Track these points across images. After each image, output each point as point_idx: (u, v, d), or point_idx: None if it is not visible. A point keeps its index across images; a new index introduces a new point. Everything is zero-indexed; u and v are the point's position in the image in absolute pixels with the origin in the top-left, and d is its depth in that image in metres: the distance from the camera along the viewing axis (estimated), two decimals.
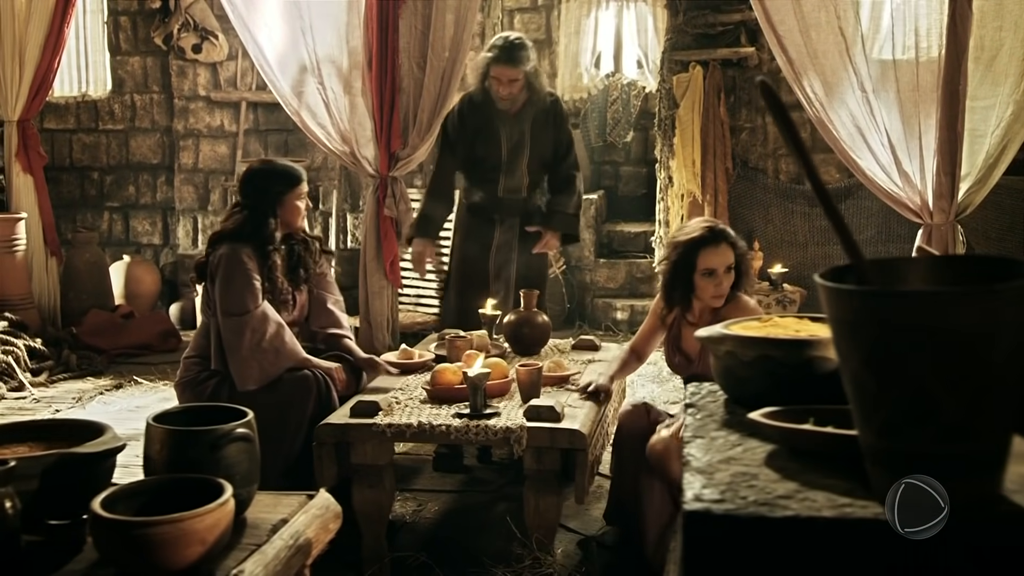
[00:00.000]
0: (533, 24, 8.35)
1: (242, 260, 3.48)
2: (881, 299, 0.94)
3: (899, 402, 0.96)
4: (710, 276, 3.24)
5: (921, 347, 0.93)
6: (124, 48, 7.55)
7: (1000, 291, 0.92)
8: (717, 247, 3.24)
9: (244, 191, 3.67)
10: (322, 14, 5.89)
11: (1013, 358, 0.96)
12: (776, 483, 1.07)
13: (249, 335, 3.41)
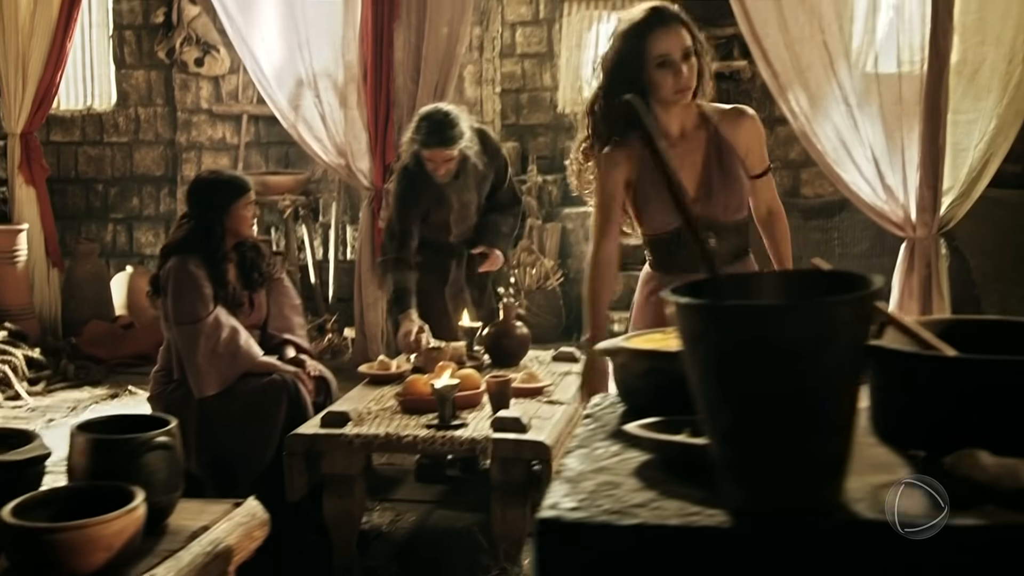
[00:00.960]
0: (535, 37, 8.39)
1: (190, 270, 3.57)
2: (716, 312, 0.96)
3: (737, 413, 0.98)
4: (666, 66, 2.65)
5: (755, 359, 0.95)
6: (129, 62, 7.64)
7: (829, 304, 0.95)
8: (668, 28, 2.67)
9: (191, 202, 3.77)
10: (319, 29, 5.97)
11: (847, 369, 0.98)
12: (636, 492, 1.09)
13: (203, 342, 3.50)
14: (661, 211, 2.74)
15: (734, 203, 2.79)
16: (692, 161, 2.76)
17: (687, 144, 2.78)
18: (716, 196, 2.76)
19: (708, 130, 2.79)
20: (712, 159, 2.77)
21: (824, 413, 0.98)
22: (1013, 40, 4.32)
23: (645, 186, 2.77)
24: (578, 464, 1.20)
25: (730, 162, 2.78)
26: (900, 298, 4.44)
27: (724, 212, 2.78)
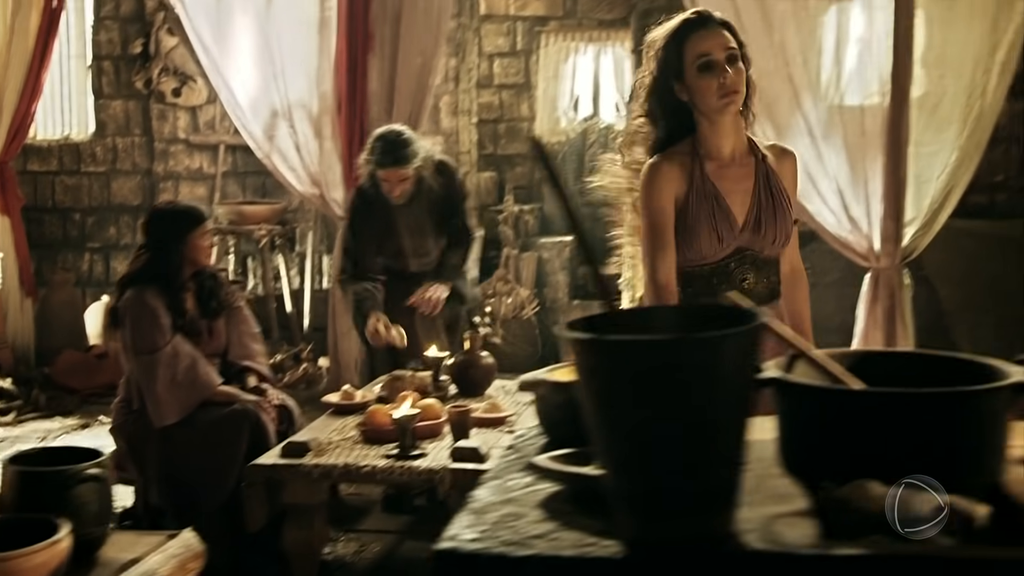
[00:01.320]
0: (512, 68, 8.47)
1: (147, 301, 3.59)
2: (605, 347, 0.99)
3: (628, 444, 1.00)
4: (708, 70, 2.43)
5: (643, 392, 0.97)
6: (107, 92, 7.67)
7: (714, 339, 0.97)
8: (708, 29, 2.46)
9: (147, 233, 3.80)
10: (293, 60, 6.01)
11: (735, 401, 1.00)
12: (537, 523, 1.11)
13: (162, 371, 3.52)
14: (711, 234, 2.51)
15: (782, 237, 2.59)
16: (744, 188, 2.55)
17: (738, 169, 2.55)
18: (766, 227, 2.55)
19: (757, 156, 2.58)
20: (762, 187, 2.56)
21: (713, 444, 1.00)
22: (972, 74, 4.39)
23: (694, 204, 2.51)
24: (487, 495, 1.21)
25: (779, 192, 2.58)
26: (865, 327, 4.48)
27: (771, 245, 2.58)
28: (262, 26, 6.00)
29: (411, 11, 5.74)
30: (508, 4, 8.31)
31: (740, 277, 2.56)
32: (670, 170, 2.51)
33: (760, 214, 2.55)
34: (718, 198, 2.53)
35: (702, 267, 2.55)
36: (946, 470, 1.13)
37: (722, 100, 2.44)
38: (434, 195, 4.41)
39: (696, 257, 2.55)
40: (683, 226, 2.52)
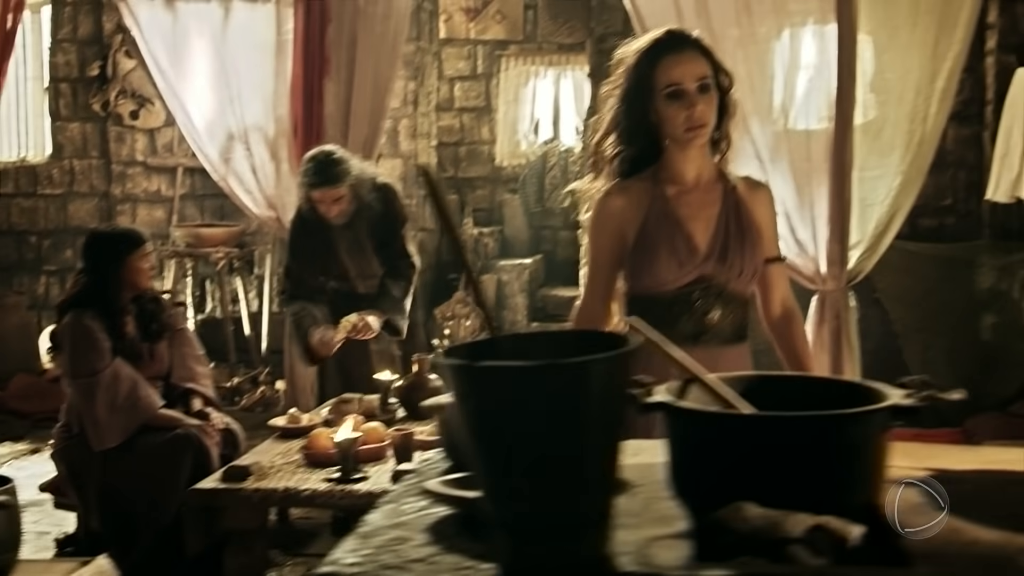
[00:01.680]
0: (473, 92, 8.53)
1: (86, 324, 3.58)
2: (472, 373, 1.01)
3: (500, 469, 1.02)
4: (676, 98, 2.33)
5: (511, 418, 0.99)
6: (64, 114, 7.65)
7: (578, 365, 1.00)
8: (680, 54, 2.36)
9: (86, 257, 3.81)
10: (250, 84, 6.02)
11: (604, 425, 1.02)
12: (421, 547, 1.12)
13: (102, 395, 3.51)
14: (670, 258, 2.39)
15: (749, 270, 2.44)
16: (707, 214, 2.43)
17: (703, 195, 2.45)
18: (731, 257, 2.42)
19: (726, 186, 2.47)
20: (730, 215, 2.44)
21: (583, 469, 1.02)
22: (914, 100, 4.46)
23: (652, 228, 2.41)
24: (379, 519, 1.23)
25: (748, 223, 2.45)
26: (812, 349, 4.51)
27: (738, 279, 2.43)
28: (218, 49, 6.02)
29: (367, 35, 5.77)
30: (468, 28, 8.38)
31: (704, 309, 2.41)
32: (619, 203, 2.42)
33: (727, 243, 2.42)
34: (679, 222, 2.42)
35: (662, 293, 2.40)
36: (822, 491, 1.16)
37: (688, 133, 2.35)
38: (373, 216, 4.43)
39: (655, 283, 2.42)
40: (642, 249, 2.42)
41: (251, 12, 6.03)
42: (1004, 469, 1.37)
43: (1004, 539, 1.11)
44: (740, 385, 1.39)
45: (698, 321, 2.41)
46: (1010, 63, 5.74)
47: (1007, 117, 5.66)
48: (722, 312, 2.42)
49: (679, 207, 2.43)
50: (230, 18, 6.05)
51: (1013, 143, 5.63)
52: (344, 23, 5.81)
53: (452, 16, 8.32)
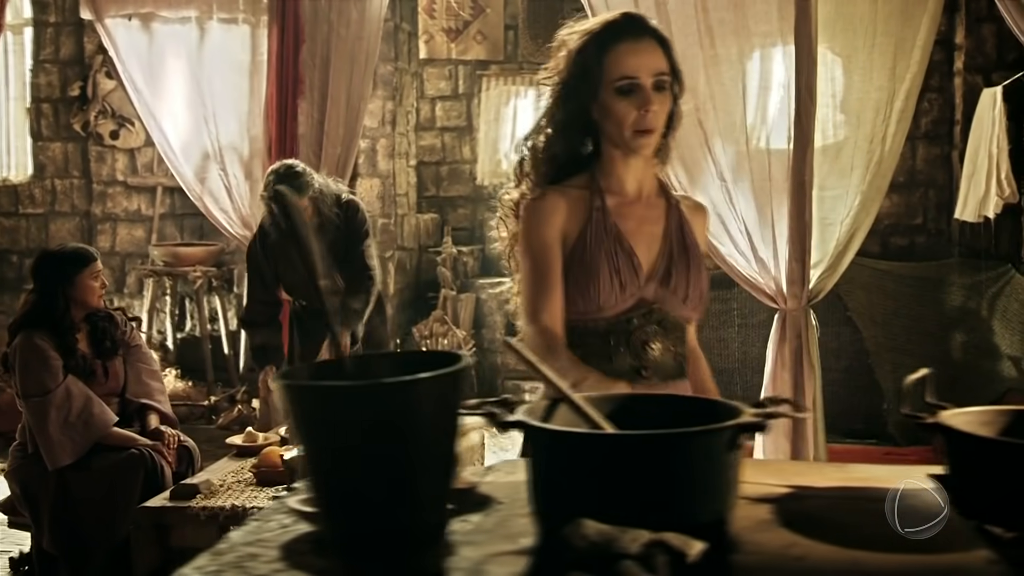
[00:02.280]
0: (454, 111, 8.58)
1: (35, 344, 3.61)
2: (297, 392, 1.03)
3: (331, 486, 1.04)
4: (627, 94, 1.99)
5: (340, 436, 1.02)
6: (46, 134, 7.70)
7: (400, 384, 1.02)
8: (638, 42, 2.01)
9: (35, 277, 3.83)
10: (225, 104, 6.07)
11: (432, 443, 1.05)
12: (269, 563, 1.15)
13: (54, 413, 3.53)
14: (612, 278, 2.07)
15: (695, 295, 2.14)
16: (651, 231, 2.13)
17: (645, 209, 2.14)
18: (676, 281, 2.12)
19: (669, 201, 2.18)
20: (674, 234, 2.14)
21: (412, 486, 1.04)
22: (873, 121, 4.50)
23: (592, 242, 2.08)
24: (239, 536, 1.25)
25: (692, 244, 2.16)
26: (773, 368, 4.53)
27: (682, 304, 2.13)
28: (194, 70, 6.08)
29: (339, 56, 5.83)
30: (450, 48, 8.43)
31: (643, 339, 2.09)
32: (557, 202, 2.09)
33: (671, 265, 2.11)
34: (620, 238, 2.09)
35: (597, 321, 2.08)
36: (668, 508, 1.18)
37: (636, 138, 2.02)
38: (334, 229, 4.49)
39: (592, 308, 2.08)
40: (578, 267, 2.08)
41: (226, 33, 6.09)
42: (863, 487, 1.39)
43: (833, 554, 1.13)
44: (610, 404, 1.41)
45: (637, 354, 2.09)
46: (977, 83, 5.79)
47: (974, 137, 5.71)
48: (663, 343, 2.11)
49: (621, 220, 2.10)
50: (206, 39, 6.12)
51: (980, 162, 5.67)
52: (317, 44, 5.87)
53: (433, 36, 8.37)
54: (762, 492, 1.35)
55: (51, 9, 7.60)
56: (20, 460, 3.67)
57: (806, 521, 1.24)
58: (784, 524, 1.22)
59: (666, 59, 2.03)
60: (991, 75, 5.82)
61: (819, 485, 1.40)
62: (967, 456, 1.24)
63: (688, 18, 4.62)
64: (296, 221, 1.17)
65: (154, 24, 6.16)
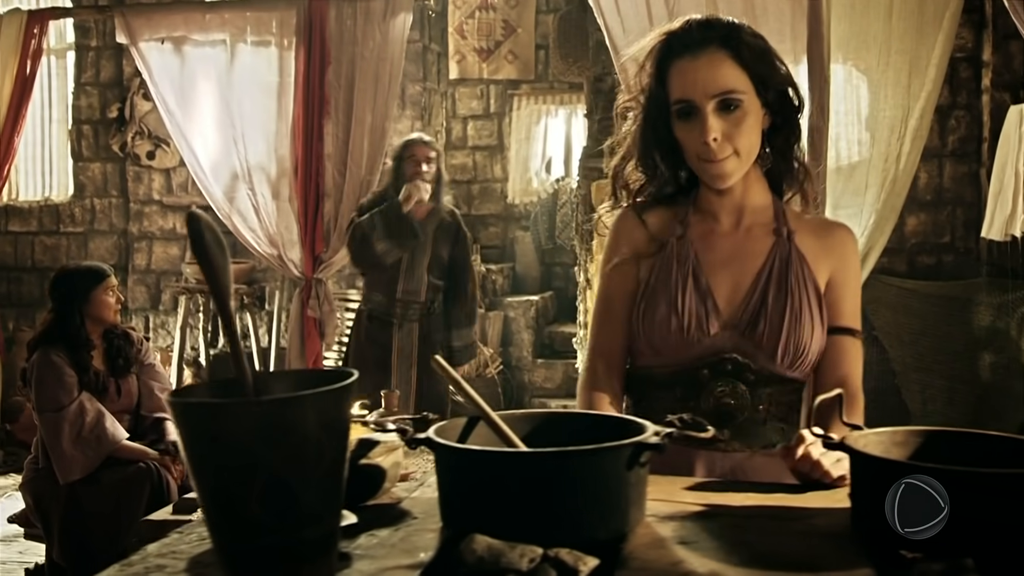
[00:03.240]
0: (486, 131, 8.65)
1: (52, 360, 3.69)
2: (180, 408, 1.07)
3: (214, 503, 1.08)
4: (688, 117, 1.73)
5: (219, 454, 1.05)
6: (86, 155, 7.90)
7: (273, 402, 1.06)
8: (696, 57, 1.71)
9: (52, 294, 3.93)
10: (253, 124, 6.18)
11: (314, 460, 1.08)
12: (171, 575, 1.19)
13: (68, 428, 3.62)
14: (673, 319, 1.76)
15: (788, 351, 1.75)
16: (742, 269, 1.80)
17: (741, 242, 1.81)
18: (766, 331, 1.75)
19: (780, 234, 1.80)
20: (772, 274, 1.78)
21: (293, 502, 1.07)
22: (888, 139, 4.47)
23: (653, 280, 1.81)
24: (155, 548, 1.29)
25: (800, 288, 1.77)
26: None
27: (771, 361, 1.76)
28: (223, 92, 6.20)
29: (364, 77, 5.91)
30: (481, 68, 8.51)
31: (717, 390, 1.76)
32: (636, 223, 1.86)
33: (761, 311, 1.75)
34: (696, 273, 1.78)
35: (660, 369, 1.80)
36: (566, 525, 1.20)
37: (704, 167, 1.75)
38: (444, 222, 4.95)
39: (647, 353, 1.80)
40: (642, 303, 1.81)
41: (255, 55, 6.20)
42: (775, 505, 1.40)
43: (717, 571, 1.14)
44: (530, 423, 1.44)
45: (709, 406, 1.75)
46: (1004, 100, 5.70)
47: (1001, 154, 5.62)
48: (745, 397, 1.76)
49: (704, 251, 1.81)
50: (235, 61, 6.23)
51: (1007, 180, 5.58)
52: (343, 65, 5.97)
53: (465, 56, 8.46)
54: (674, 510, 1.37)
55: (92, 33, 7.81)
56: (33, 473, 3.77)
57: (705, 539, 1.25)
58: (681, 542, 1.23)
59: (742, 71, 1.71)
60: (1019, 92, 5.74)
61: (734, 504, 1.41)
62: (867, 477, 1.24)
63: None
64: (207, 240, 1.21)
65: (186, 47, 6.29)
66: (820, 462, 1.47)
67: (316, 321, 6.11)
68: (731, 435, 1.76)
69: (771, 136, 1.80)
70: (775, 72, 1.76)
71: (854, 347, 1.81)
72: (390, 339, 5.06)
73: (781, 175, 1.84)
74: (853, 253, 1.84)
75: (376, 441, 1.44)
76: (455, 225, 5.11)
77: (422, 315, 5.02)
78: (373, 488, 1.46)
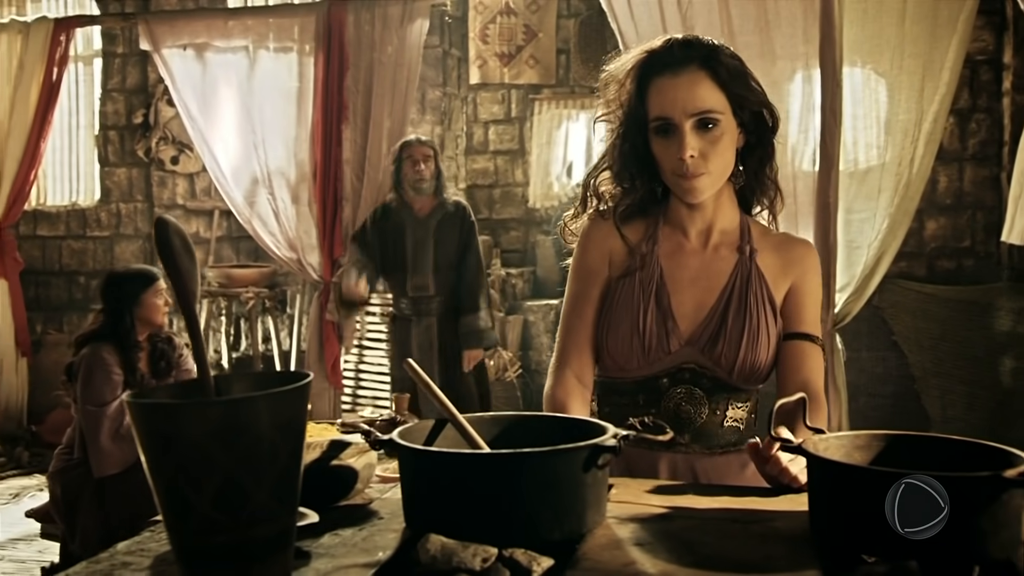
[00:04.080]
0: (507, 135, 8.66)
1: (101, 357, 3.76)
2: (135, 408, 1.10)
3: (169, 500, 1.11)
4: (666, 134, 1.76)
5: (172, 451, 1.08)
6: (112, 160, 8.00)
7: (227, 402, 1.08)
8: (676, 75, 1.75)
9: (104, 295, 3.99)
10: (273, 130, 6.25)
11: (267, 459, 1.10)
12: (135, 572, 1.22)
13: (108, 424, 3.69)
14: (634, 337, 1.82)
15: (743, 369, 1.82)
16: (706, 287, 1.85)
17: (708, 262, 1.85)
18: (724, 349, 1.82)
19: (743, 252, 1.85)
20: (735, 293, 1.83)
21: (246, 500, 1.10)
22: (902, 143, 4.45)
23: (618, 297, 1.86)
24: (124, 545, 1.32)
25: (758, 306, 1.83)
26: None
27: (728, 376, 1.83)
28: (244, 97, 6.27)
29: (381, 83, 5.96)
30: (503, 73, 8.52)
31: (676, 396, 1.84)
32: (610, 234, 1.88)
33: (720, 329, 1.81)
34: (660, 292, 1.84)
35: (623, 380, 1.87)
36: (521, 526, 1.22)
37: (679, 183, 1.77)
38: (448, 213, 5.13)
39: (613, 366, 1.86)
40: (604, 318, 1.86)
41: (275, 61, 6.26)
42: (737, 508, 1.41)
43: (667, 572, 1.15)
44: (498, 426, 1.46)
45: (669, 414, 1.82)
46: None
47: (1021, 157, 5.57)
48: (703, 406, 1.84)
49: (672, 270, 1.86)
50: (256, 67, 6.30)
51: None
52: (360, 71, 6.02)
53: (487, 61, 8.48)
54: (636, 512, 1.38)
55: (119, 40, 7.91)
56: (64, 463, 3.85)
57: (661, 541, 1.26)
58: (637, 543, 1.25)
59: (719, 91, 1.74)
60: None
61: (697, 507, 1.42)
62: (823, 480, 1.25)
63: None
64: (174, 246, 1.24)
65: (207, 54, 6.37)
66: (787, 468, 1.48)
67: (334, 325, 6.16)
68: (690, 438, 1.85)
69: (745, 155, 1.85)
70: (752, 93, 1.79)
71: (815, 352, 1.86)
72: (409, 338, 5.17)
73: (752, 192, 1.90)
74: (813, 267, 1.91)
75: (348, 443, 1.47)
76: (460, 215, 5.23)
77: (439, 310, 5.12)
78: (345, 489, 1.48)
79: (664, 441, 1.35)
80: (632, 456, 1.81)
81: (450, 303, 5.17)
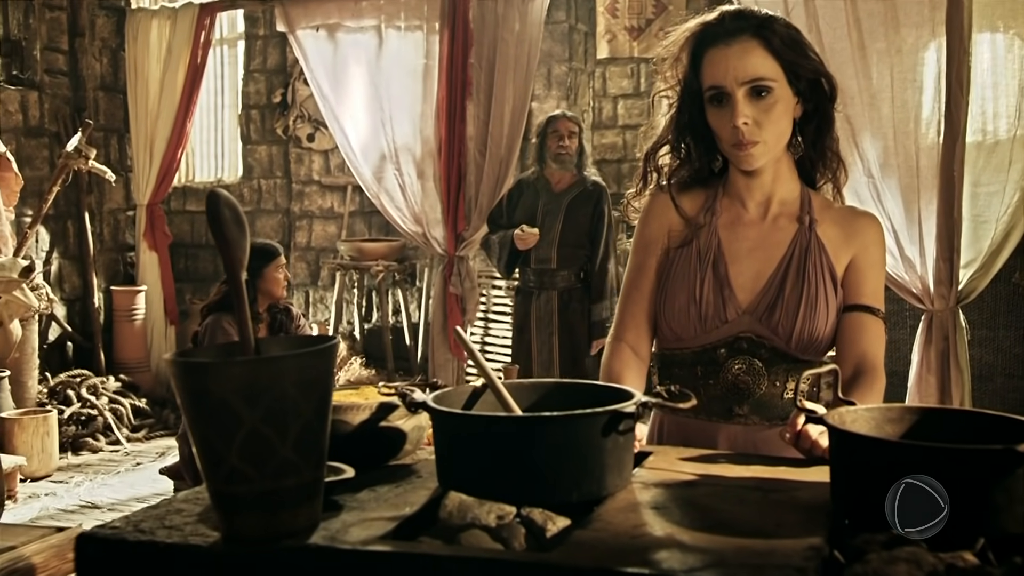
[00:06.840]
0: (636, 109, 8.62)
1: (223, 326, 3.98)
2: (180, 367, 1.19)
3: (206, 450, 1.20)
4: (720, 104, 1.77)
5: (206, 407, 1.17)
6: (253, 138, 8.35)
7: (248, 362, 1.17)
8: (728, 45, 1.76)
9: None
10: (400, 107, 6.41)
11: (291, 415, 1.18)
12: (185, 518, 1.31)
13: None
14: (692, 306, 1.83)
15: (802, 338, 1.82)
16: (764, 257, 1.85)
17: (767, 232, 1.86)
18: (781, 318, 1.82)
19: (802, 222, 1.85)
20: (792, 263, 1.83)
21: (269, 453, 1.18)
22: None
23: (676, 267, 1.88)
24: (183, 495, 1.43)
25: (817, 276, 1.83)
26: (918, 371, 4.36)
27: (786, 346, 1.83)
28: (372, 76, 6.44)
29: (503, 59, 6.02)
30: (632, 47, 8.48)
31: (735, 367, 1.83)
32: (668, 205, 1.90)
33: (779, 299, 1.82)
34: (718, 262, 1.85)
35: (681, 351, 1.87)
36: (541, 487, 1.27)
37: (735, 152, 1.78)
38: (585, 191, 5.18)
39: (671, 336, 1.88)
40: (663, 284, 1.88)
41: (402, 40, 6.41)
42: (759, 477, 1.41)
43: (669, 532, 1.18)
44: (537, 392, 1.51)
45: (726, 384, 1.84)
46: None
47: None
48: (761, 376, 1.83)
49: (730, 241, 1.86)
50: (384, 46, 6.46)
51: None
52: (484, 48, 6.10)
53: (616, 36, 8.44)
54: (663, 478, 1.41)
55: (260, 23, 8.23)
56: None
57: (678, 506, 1.29)
58: (653, 507, 1.28)
59: (773, 59, 1.74)
60: None
61: (728, 475, 1.43)
62: (843, 451, 1.25)
63: (838, 10, 4.52)
64: (224, 216, 1.33)
65: (338, 34, 6.57)
66: (818, 441, 1.47)
67: (458, 297, 6.30)
68: (749, 410, 1.84)
69: (803, 125, 1.85)
70: (807, 61, 1.79)
71: (875, 325, 1.84)
72: (529, 311, 5.24)
73: (812, 164, 1.89)
74: (876, 239, 1.89)
75: (395, 405, 1.54)
76: (596, 196, 5.24)
77: (561, 284, 5.17)
78: (393, 450, 1.56)
79: (686, 408, 1.37)
80: (691, 428, 1.84)
81: (574, 280, 5.20)
